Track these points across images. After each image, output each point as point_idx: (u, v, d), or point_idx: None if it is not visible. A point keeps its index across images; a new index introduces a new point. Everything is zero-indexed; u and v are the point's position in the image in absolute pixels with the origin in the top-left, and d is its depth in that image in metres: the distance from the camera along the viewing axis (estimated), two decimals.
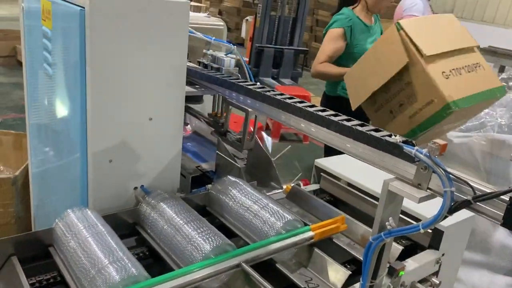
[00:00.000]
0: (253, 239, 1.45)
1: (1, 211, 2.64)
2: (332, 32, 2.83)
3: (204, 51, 2.01)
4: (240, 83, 1.66)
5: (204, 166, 2.09)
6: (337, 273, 1.40)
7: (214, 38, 1.90)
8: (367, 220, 1.75)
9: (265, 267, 1.35)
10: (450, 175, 1.09)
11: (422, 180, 1.17)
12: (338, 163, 1.98)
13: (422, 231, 1.13)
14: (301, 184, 2.01)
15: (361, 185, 1.85)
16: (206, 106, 2.27)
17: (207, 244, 1.25)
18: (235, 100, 1.77)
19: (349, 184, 1.90)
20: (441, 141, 1.13)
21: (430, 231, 1.62)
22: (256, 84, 1.67)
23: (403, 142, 1.22)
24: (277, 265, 1.38)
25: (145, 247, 1.45)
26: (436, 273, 1.62)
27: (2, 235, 2.67)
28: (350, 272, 1.39)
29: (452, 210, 1.09)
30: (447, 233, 1.57)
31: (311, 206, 1.77)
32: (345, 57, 2.93)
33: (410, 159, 1.18)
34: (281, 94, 1.56)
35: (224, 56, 1.96)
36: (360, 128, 1.29)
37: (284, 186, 1.96)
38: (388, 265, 1.34)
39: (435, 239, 1.60)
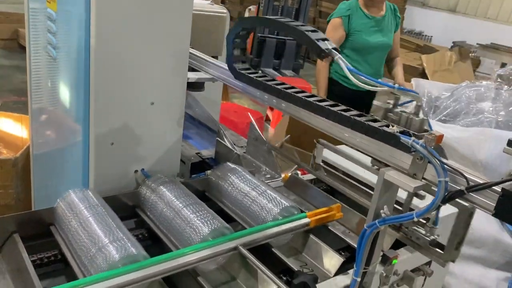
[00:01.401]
0: (250, 224, 1.48)
1: (1, 192, 2.67)
2: (331, 22, 2.90)
3: (388, 101, 1.37)
4: None
5: (204, 152, 2.11)
6: (332, 259, 1.43)
7: (397, 85, 1.28)
8: (363, 210, 1.78)
9: (261, 251, 1.38)
10: (445, 166, 1.12)
11: (417, 170, 1.19)
12: (338, 155, 2.00)
13: (415, 219, 1.16)
14: (299, 173, 2.03)
15: (358, 176, 1.88)
16: (207, 93, 2.29)
17: (205, 227, 1.28)
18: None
19: (346, 174, 1.93)
20: (437, 132, 1.16)
21: (424, 221, 1.64)
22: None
23: (401, 132, 1.24)
24: (273, 250, 1.41)
25: (144, 229, 1.48)
26: (429, 263, 1.65)
27: (1, 215, 2.69)
28: (344, 259, 1.42)
29: (445, 199, 1.12)
30: (441, 223, 1.59)
31: (308, 195, 1.79)
32: (346, 46, 2.99)
33: (407, 149, 1.20)
34: (282, 84, 1.58)
35: (413, 115, 1.28)
36: (358, 118, 1.32)
37: (283, 175, 1.99)
38: (381, 253, 1.37)
39: None
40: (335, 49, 1.28)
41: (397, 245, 1.57)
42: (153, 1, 1.37)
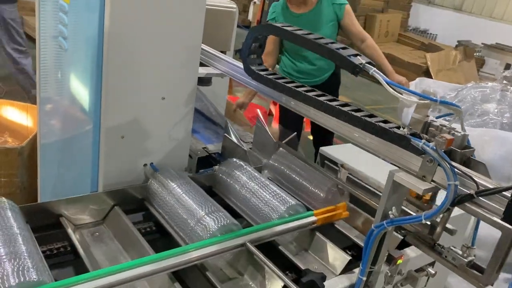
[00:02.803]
0: (256, 221, 1.49)
1: (6, 181, 2.68)
2: None
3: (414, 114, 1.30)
4: None
5: (210, 147, 2.11)
6: (338, 258, 1.44)
7: (439, 99, 1.21)
8: (368, 208, 1.79)
9: (268, 248, 1.39)
10: (455, 169, 1.13)
11: (427, 172, 1.20)
12: (342, 152, 2.01)
13: (423, 221, 1.17)
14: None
15: (364, 175, 1.88)
16: (213, 88, 2.29)
17: (214, 223, 1.29)
18: None
19: (352, 173, 1.94)
20: (448, 136, 1.17)
21: (428, 223, 1.65)
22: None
23: (411, 134, 1.25)
24: (280, 247, 1.42)
25: (152, 222, 1.49)
26: (432, 264, 1.66)
27: None
28: (350, 258, 1.43)
29: (455, 203, 1.13)
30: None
31: None
32: (283, 48, 3.08)
33: (417, 151, 1.21)
34: (292, 82, 1.59)
35: (449, 127, 1.24)
36: (369, 119, 1.32)
37: None
38: (387, 253, 1.38)
39: (434, 230, 1.63)
40: (369, 63, 1.27)
41: (402, 245, 1.58)
42: None
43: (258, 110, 2.73)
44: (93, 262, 1.26)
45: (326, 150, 2.03)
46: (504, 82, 3.49)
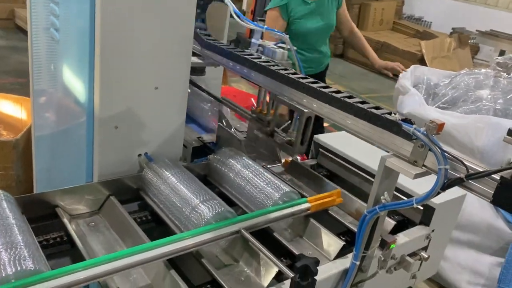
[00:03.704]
0: (251, 209, 1.50)
1: (2, 174, 2.68)
2: (269, 14, 2.78)
3: (253, 40, 1.86)
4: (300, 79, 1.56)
5: (205, 137, 2.12)
6: (332, 243, 1.46)
7: (265, 27, 1.76)
8: (362, 195, 1.81)
9: (263, 235, 1.41)
10: (445, 154, 1.14)
11: (418, 157, 1.22)
12: (337, 140, 2.02)
13: (415, 205, 1.19)
14: (299, 158, 2.05)
15: (358, 162, 1.90)
16: (208, 78, 2.30)
17: (209, 211, 1.31)
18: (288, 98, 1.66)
19: (346, 160, 1.95)
20: (438, 121, 1.18)
21: (421, 208, 1.68)
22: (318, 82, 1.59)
23: (402, 120, 1.26)
24: (275, 234, 1.44)
25: (147, 211, 1.50)
26: (425, 248, 1.68)
27: None
28: (344, 243, 1.45)
29: (445, 187, 1.14)
30: (438, 210, 1.63)
31: (309, 180, 1.82)
32: (290, 36, 2.90)
33: (408, 136, 1.22)
34: (285, 69, 1.59)
35: (276, 47, 1.80)
36: (361, 105, 1.33)
37: (283, 160, 2.01)
38: (380, 238, 1.40)
39: (426, 215, 1.66)
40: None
41: (395, 230, 1.61)
42: None
43: (253, 100, 2.73)
44: (90, 251, 1.27)
45: (320, 138, 2.04)
46: (497, 68, 3.50)
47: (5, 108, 3.27)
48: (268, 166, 1.92)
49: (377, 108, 1.34)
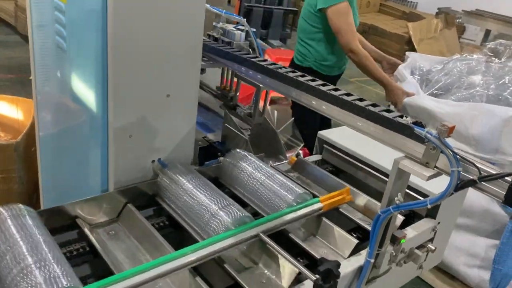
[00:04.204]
0: (264, 210, 1.55)
1: (4, 177, 2.68)
2: (340, 8, 2.64)
3: (214, 24, 2.02)
4: (252, 59, 1.71)
5: (210, 136, 2.15)
6: (345, 242, 1.51)
7: (224, 11, 1.94)
8: (369, 189, 1.86)
9: (278, 236, 1.45)
10: (458, 156, 1.19)
11: (430, 159, 1.26)
12: (341, 135, 2.06)
13: (429, 206, 1.24)
14: (301, 153, 2.09)
15: (362, 157, 1.94)
16: (207, 75, 2.31)
17: (228, 217, 1.34)
18: (245, 74, 1.81)
19: (350, 155, 1.99)
20: (449, 124, 1.22)
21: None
22: (267, 60, 1.72)
23: (413, 123, 1.30)
24: (291, 235, 1.48)
25: (164, 216, 1.53)
26: (431, 240, 1.75)
27: (6, 200, 2.71)
28: (357, 241, 1.50)
29: (458, 188, 1.19)
30: (444, 204, 1.69)
31: (317, 178, 1.86)
32: (330, 34, 2.77)
33: (420, 139, 1.26)
34: (293, 72, 1.62)
35: (234, 29, 1.98)
36: (372, 109, 1.37)
37: (288, 155, 2.05)
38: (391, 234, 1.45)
39: (433, 208, 1.71)
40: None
41: (403, 225, 1.66)
42: None
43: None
44: (114, 261, 1.30)
45: (324, 134, 2.08)
46: (489, 53, 3.56)
47: (1, 109, 3.23)
48: (275, 164, 1.96)
49: (387, 111, 1.38)
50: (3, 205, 1.24)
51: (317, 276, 1.18)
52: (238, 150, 1.73)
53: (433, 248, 1.69)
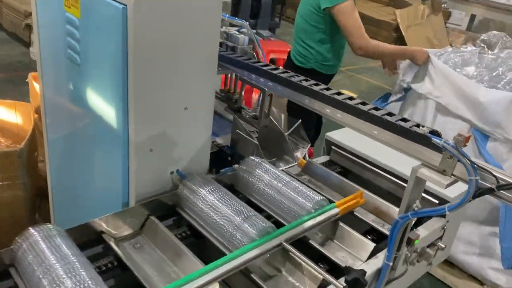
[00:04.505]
0: (282, 217, 1.59)
1: (9, 184, 2.67)
2: (346, 6, 2.64)
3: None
4: (264, 67, 1.73)
5: (219, 140, 2.17)
6: (362, 245, 1.56)
7: (227, 15, 1.95)
8: (378, 190, 1.91)
9: (298, 243, 1.50)
10: (475, 165, 1.24)
11: (447, 167, 1.31)
12: (348, 137, 2.10)
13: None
14: (306, 153, 2.13)
15: (370, 158, 1.99)
16: None
17: (252, 229, 1.38)
18: (256, 81, 1.84)
19: (358, 157, 2.04)
20: (465, 134, 1.27)
21: (437, 201, 1.79)
22: (279, 69, 1.75)
23: (430, 132, 1.34)
24: (311, 242, 1.53)
25: (185, 226, 1.57)
26: (440, 237, 1.81)
27: (12, 207, 2.71)
28: (375, 244, 1.55)
29: (475, 195, 1.25)
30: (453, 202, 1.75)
31: (328, 180, 1.90)
32: (337, 31, 2.80)
33: (437, 149, 1.31)
34: (297, 76, 1.66)
35: (237, 32, 2.00)
36: (389, 118, 1.41)
37: (298, 154, 2.09)
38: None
39: None
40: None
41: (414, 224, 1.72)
42: (187, 11, 1.39)
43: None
44: (144, 275, 1.33)
45: (332, 135, 2.12)
46: (482, 45, 3.63)
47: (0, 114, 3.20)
48: (285, 167, 2.00)
49: (404, 120, 1.42)
50: (33, 227, 1.26)
51: (344, 284, 1.23)
52: (252, 157, 1.76)
53: (443, 246, 1.76)
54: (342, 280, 1.36)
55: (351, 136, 2.11)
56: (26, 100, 3.34)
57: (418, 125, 1.39)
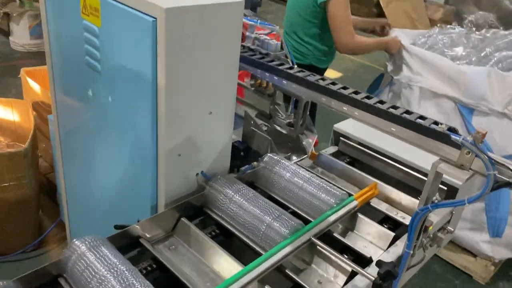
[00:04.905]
0: (306, 212, 1.67)
1: (16, 184, 2.68)
2: (340, 1, 2.67)
3: (248, 34, 2.02)
4: (297, 74, 1.78)
5: None
6: (382, 235, 1.66)
7: (259, 21, 1.92)
8: (386, 178, 2.00)
9: (323, 236, 1.58)
10: (493, 160, 1.33)
11: (465, 162, 1.40)
12: (355, 127, 2.18)
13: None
14: (312, 144, 2.21)
15: (378, 148, 2.08)
16: None
17: (284, 227, 1.45)
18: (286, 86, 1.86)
19: (367, 147, 2.12)
20: (482, 130, 1.36)
21: (445, 188, 1.90)
22: (303, 72, 1.79)
23: (448, 129, 1.43)
24: (334, 234, 1.61)
25: (214, 226, 1.63)
26: (448, 221, 1.93)
27: (21, 206, 2.72)
28: (394, 234, 1.65)
29: (493, 188, 1.35)
30: (461, 190, 1.86)
31: (341, 172, 1.99)
32: (323, 35, 2.88)
33: (456, 146, 1.40)
34: (323, 79, 1.71)
35: (269, 38, 2.00)
36: (408, 117, 1.49)
37: (307, 145, 2.16)
38: None
39: (450, 195, 1.88)
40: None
41: None
42: (212, 21, 1.42)
43: None
44: (184, 275, 1.39)
45: (340, 126, 2.19)
46: (469, 25, 3.73)
47: None
48: (297, 160, 2.07)
49: (422, 117, 1.50)
50: (77, 239, 1.30)
51: (376, 276, 1.32)
52: (270, 155, 1.82)
53: (452, 229, 1.87)
54: (369, 269, 1.46)
55: (358, 127, 2.19)
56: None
57: (436, 123, 1.47)
